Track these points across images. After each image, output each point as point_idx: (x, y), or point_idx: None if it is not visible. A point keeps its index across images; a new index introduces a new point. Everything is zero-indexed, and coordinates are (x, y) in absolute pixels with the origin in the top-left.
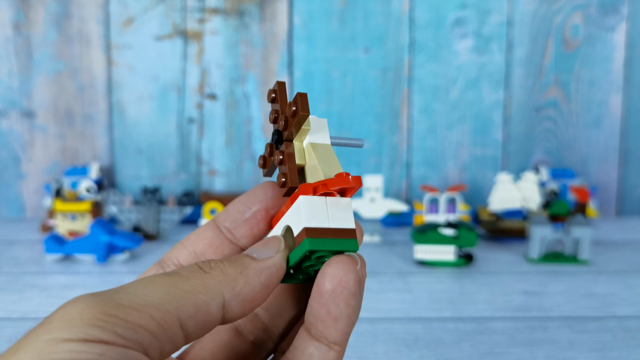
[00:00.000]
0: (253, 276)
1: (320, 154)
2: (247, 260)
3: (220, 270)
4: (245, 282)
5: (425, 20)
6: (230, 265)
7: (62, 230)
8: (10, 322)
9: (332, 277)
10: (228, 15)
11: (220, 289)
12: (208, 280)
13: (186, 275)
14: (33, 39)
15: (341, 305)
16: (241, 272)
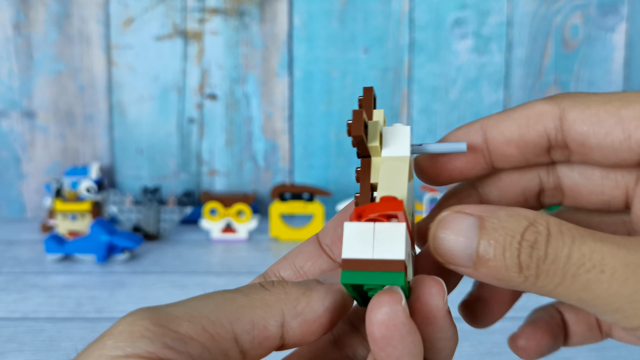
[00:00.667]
0: (317, 299)
1: (386, 172)
2: (312, 283)
3: (283, 289)
4: (308, 303)
5: (425, 20)
6: (294, 285)
7: (63, 230)
8: (11, 322)
9: (378, 325)
10: (228, 16)
11: (280, 307)
12: (268, 297)
13: (245, 292)
14: (33, 39)
15: (398, 347)
16: (304, 292)
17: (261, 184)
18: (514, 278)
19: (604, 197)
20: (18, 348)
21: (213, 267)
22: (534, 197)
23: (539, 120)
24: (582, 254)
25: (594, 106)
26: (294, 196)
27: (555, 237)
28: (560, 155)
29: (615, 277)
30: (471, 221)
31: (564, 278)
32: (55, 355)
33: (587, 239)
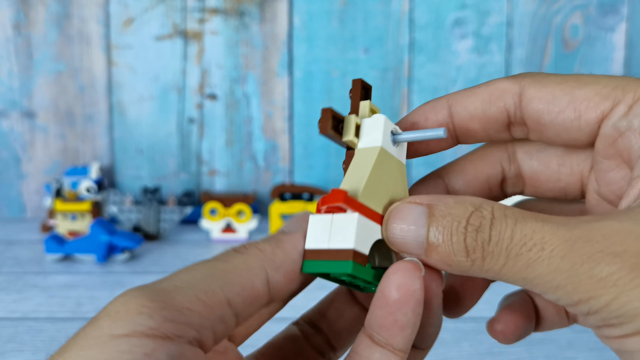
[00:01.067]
0: (290, 248)
1: (355, 163)
2: (279, 235)
3: (257, 249)
4: (284, 254)
5: (425, 20)
6: (265, 242)
7: (63, 230)
8: (11, 322)
9: (399, 285)
10: (228, 16)
11: (261, 264)
12: (247, 259)
13: (224, 259)
14: (33, 39)
15: (409, 314)
16: (277, 245)
17: (261, 184)
18: (462, 262)
19: (561, 185)
20: (18, 348)
21: None
22: (497, 186)
23: (500, 97)
24: (523, 234)
25: (551, 85)
26: (294, 196)
27: (499, 220)
28: (519, 132)
29: (555, 253)
30: (421, 210)
31: (507, 258)
32: None
33: (529, 220)
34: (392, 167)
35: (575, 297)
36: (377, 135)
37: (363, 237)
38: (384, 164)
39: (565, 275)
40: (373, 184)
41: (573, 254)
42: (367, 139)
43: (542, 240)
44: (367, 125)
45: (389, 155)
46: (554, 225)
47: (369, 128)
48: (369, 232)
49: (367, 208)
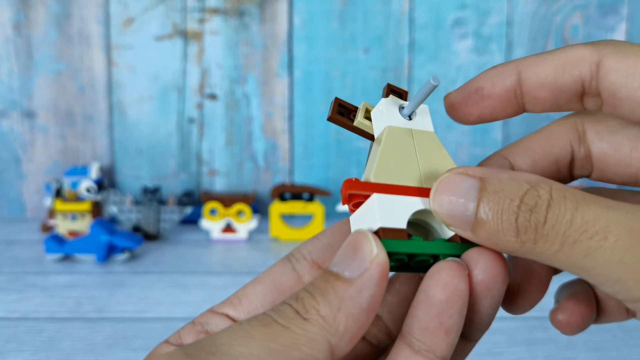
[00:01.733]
0: (353, 308)
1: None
2: (340, 287)
3: (317, 313)
4: (347, 317)
5: (425, 20)
6: (325, 303)
7: (63, 230)
8: (11, 322)
9: (445, 285)
10: (228, 16)
11: (324, 337)
12: (309, 328)
13: (284, 325)
14: (33, 39)
15: (455, 316)
16: (339, 308)
17: (261, 184)
18: (511, 242)
19: (632, 170)
20: (18, 348)
21: (213, 267)
22: (566, 168)
23: (576, 65)
24: (585, 221)
25: (633, 57)
26: (294, 196)
27: (557, 202)
28: (592, 104)
29: (619, 244)
30: (472, 182)
31: (563, 244)
32: (55, 355)
33: (593, 205)
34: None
35: (638, 293)
36: (382, 117)
37: (392, 213)
38: (398, 139)
39: (628, 269)
40: (389, 162)
41: (639, 247)
42: (378, 126)
43: (605, 229)
44: (375, 113)
45: (404, 130)
46: (621, 213)
47: (378, 115)
48: (400, 206)
49: (390, 185)
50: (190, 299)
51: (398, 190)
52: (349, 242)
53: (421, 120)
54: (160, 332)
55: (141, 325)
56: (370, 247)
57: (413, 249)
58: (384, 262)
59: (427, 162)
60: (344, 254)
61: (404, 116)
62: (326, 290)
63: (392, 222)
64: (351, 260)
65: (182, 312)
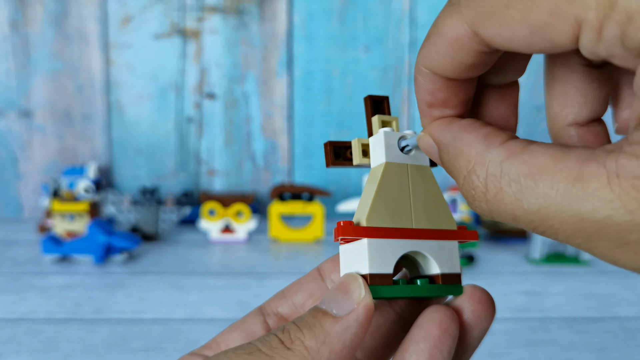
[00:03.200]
0: (336, 343)
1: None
2: (327, 323)
3: (302, 344)
4: (330, 351)
5: (426, 19)
6: (311, 335)
7: (60, 231)
8: (9, 323)
9: (440, 322)
10: (227, 14)
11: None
12: (292, 358)
13: (268, 354)
14: (31, 38)
15: (445, 353)
16: (323, 341)
17: (260, 184)
18: None
19: None
20: (16, 349)
21: (212, 267)
22: None
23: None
24: None
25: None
26: (293, 196)
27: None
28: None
29: None
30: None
31: None
32: (54, 356)
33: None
34: (412, 175)
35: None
36: (381, 151)
37: (380, 257)
38: (395, 177)
39: None
40: (383, 204)
41: None
42: (375, 157)
43: None
44: (373, 143)
45: (400, 166)
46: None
47: (375, 146)
48: (389, 249)
49: (381, 229)
50: (189, 300)
51: (388, 234)
52: (340, 284)
53: (417, 153)
54: (158, 333)
55: (139, 326)
56: (360, 291)
57: (398, 294)
58: (370, 304)
59: (419, 201)
60: (334, 294)
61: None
62: (313, 324)
63: (380, 267)
64: (340, 300)
65: (181, 313)
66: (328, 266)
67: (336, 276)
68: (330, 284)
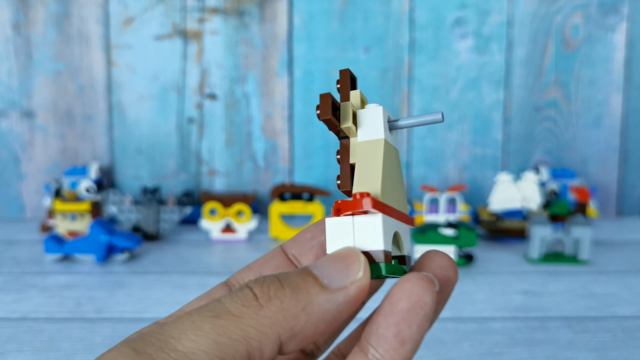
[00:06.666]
0: (317, 314)
1: (361, 159)
2: (313, 289)
3: (280, 304)
4: (307, 321)
5: (425, 20)
6: (292, 296)
7: (62, 230)
8: (10, 322)
9: (410, 294)
10: (228, 15)
11: (276, 330)
12: (263, 320)
13: (237, 314)
14: (33, 38)
15: (413, 327)
16: (304, 308)
17: (261, 184)
18: None
19: None
20: (18, 348)
21: (213, 267)
22: None
23: None
24: None
25: None
26: (293, 196)
27: None
28: None
29: None
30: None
31: None
32: (55, 355)
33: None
34: (394, 156)
35: None
36: (378, 127)
37: (387, 236)
38: (388, 156)
39: None
40: (385, 180)
41: None
42: (367, 130)
43: None
44: (364, 115)
45: (390, 145)
46: None
47: (367, 118)
48: (390, 229)
49: (388, 206)
50: (189, 299)
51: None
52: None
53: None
54: None
55: (141, 325)
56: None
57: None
58: (364, 287)
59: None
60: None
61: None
62: (299, 286)
63: (387, 244)
64: (335, 271)
65: None
66: (289, 244)
67: (299, 251)
68: (294, 260)
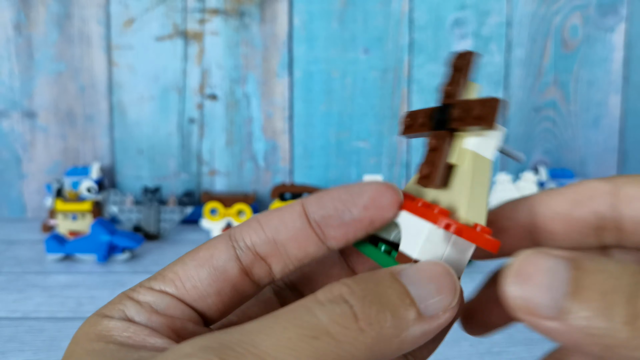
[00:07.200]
0: (407, 343)
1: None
2: (411, 315)
3: (380, 329)
4: (397, 349)
5: (425, 21)
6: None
7: (63, 230)
8: (11, 321)
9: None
10: (228, 16)
11: (369, 357)
12: (360, 346)
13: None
14: (34, 39)
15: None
16: (399, 335)
17: (261, 184)
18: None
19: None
20: (19, 348)
21: None
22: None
23: (592, 197)
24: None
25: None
26: (294, 196)
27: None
28: (610, 238)
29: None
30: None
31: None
32: (56, 355)
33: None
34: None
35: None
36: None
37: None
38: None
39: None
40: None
41: None
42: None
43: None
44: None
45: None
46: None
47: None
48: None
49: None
50: None
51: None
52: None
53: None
54: None
55: None
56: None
57: None
58: (454, 313)
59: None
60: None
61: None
62: (398, 311)
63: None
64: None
65: None
66: (314, 207)
67: (325, 220)
68: (316, 227)
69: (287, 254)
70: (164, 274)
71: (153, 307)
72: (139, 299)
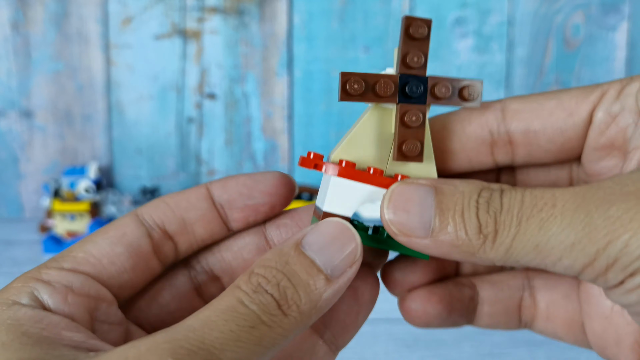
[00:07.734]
0: (324, 308)
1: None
2: (320, 284)
3: (297, 308)
4: (317, 314)
5: None
6: (306, 298)
7: (61, 231)
8: None
9: (372, 289)
10: (227, 15)
11: (294, 331)
12: (286, 326)
13: (268, 324)
14: (32, 38)
15: (364, 317)
16: (315, 306)
17: None
18: (473, 241)
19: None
20: None
21: None
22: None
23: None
24: (533, 196)
25: (533, 97)
26: (299, 197)
27: (508, 190)
28: (502, 155)
29: (567, 206)
30: (426, 190)
31: (519, 225)
32: None
33: (538, 188)
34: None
35: (592, 248)
36: None
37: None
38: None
39: (580, 226)
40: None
41: (585, 202)
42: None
43: (552, 198)
44: None
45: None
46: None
47: None
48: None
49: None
50: None
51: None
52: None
53: None
54: None
55: None
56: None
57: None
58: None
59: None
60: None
61: None
62: (309, 286)
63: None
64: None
65: None
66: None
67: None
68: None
69: (193, 234)
70: (72, 254)
71: (67, 287)
72: (50, 280)
